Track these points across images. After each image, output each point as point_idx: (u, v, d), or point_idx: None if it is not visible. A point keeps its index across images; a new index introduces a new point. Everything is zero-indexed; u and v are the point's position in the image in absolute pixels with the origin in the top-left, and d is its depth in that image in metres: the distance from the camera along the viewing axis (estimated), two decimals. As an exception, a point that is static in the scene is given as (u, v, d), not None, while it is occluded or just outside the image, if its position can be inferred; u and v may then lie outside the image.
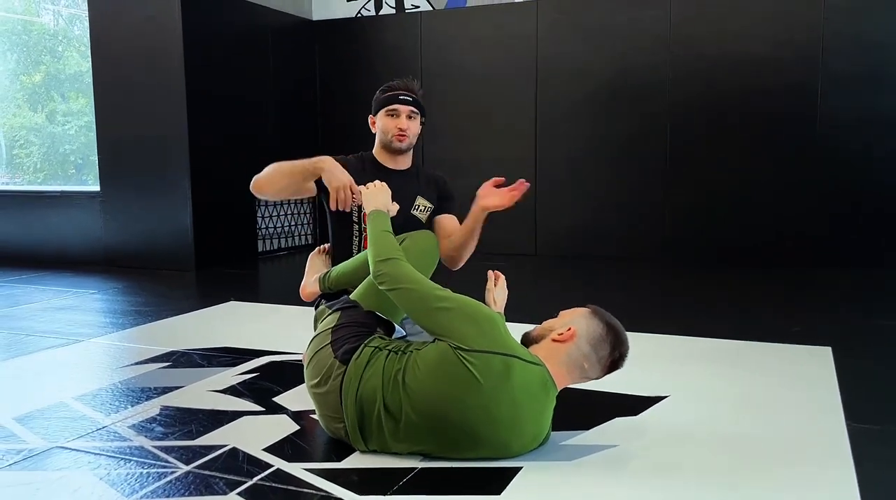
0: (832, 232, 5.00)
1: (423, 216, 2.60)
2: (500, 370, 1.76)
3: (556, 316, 1.97)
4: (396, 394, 1.84)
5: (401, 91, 2.54)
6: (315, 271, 2.66)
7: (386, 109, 2.54)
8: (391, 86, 2.57)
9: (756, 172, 5.15)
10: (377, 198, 2.26)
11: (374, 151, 2.63)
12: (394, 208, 2.30)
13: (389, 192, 2.30)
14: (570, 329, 1.87)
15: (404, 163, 2.62)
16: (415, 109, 2.55)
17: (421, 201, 2.59)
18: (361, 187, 2.33)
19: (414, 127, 2.56)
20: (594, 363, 1.87)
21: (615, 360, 1.88)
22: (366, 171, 2.54)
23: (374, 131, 2.61)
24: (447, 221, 2.65)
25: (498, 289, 2.44)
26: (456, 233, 2.57)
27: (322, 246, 2.81)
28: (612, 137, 5.52)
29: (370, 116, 2.61)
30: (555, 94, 5.64)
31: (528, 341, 1.94)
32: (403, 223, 2.43)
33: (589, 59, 5.52)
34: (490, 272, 2.46)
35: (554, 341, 1.87)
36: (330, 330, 2.05)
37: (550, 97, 5.66)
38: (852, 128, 4.91)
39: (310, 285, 2.60)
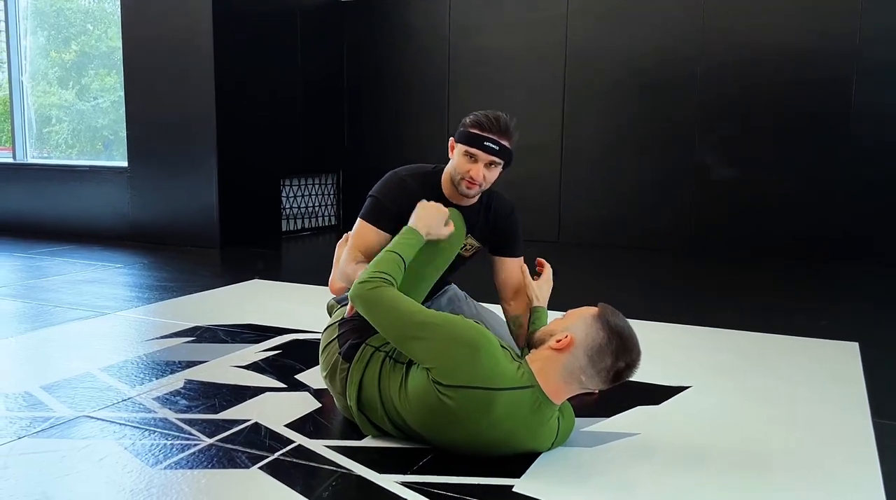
0: (863, 227, 4.91)
1: (466, 254, 2.37)
2: (480, 405, 1.67)
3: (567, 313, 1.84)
4: (391, 408, 1.83)
5: (488, 135, 2.18)
6: (336, 258, 2.62)
7: (466, 148, 2.20)
8: (481, 123, 2.19)
9: (786, 164, 5.07)
10: (426, 219, 2.06)
11: (443, 175, 2.33)
12: (444, 232, 2.11)
13: (445, 216, 2.11)
14: (567, 337, 1.73)
15: (471, 199, 2.33)
16: (497, 159, 2.20)
17: (469, 242, 2.34)
18: (421, 202, 2.16)
19: (491, 176, 2.23)
20: (592, 375, 1.72)
21: (619, 370, 1.71)
22: (428, 197, 2.25)
23: (451, 155, 2.29)
24: (509, 268, 2.38)
25: (541, 281, 2.31)
26: (518, 303, 2.36)
27: (349, 233, 2.73)
28: (640, 125, 5.45)
29: (452, 137, 2.29)
30: (583, 80, 5.59)
31: (530, 343, 1.86)
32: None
33: (619, 46, 5.45)
34: (539, 262, 2.33)
35: (551, 349, 1.75)
36: (338, 323, 2.05)
37: (579, 83, 5.60)
38: (887, 122, 4.81)
39: (339, 279, 2.55)
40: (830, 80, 4.91)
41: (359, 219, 2.33)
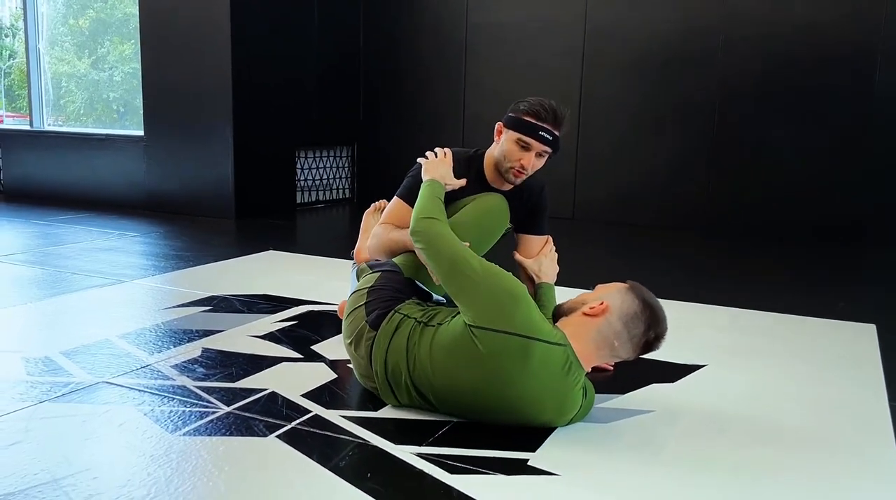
0: (884, 209, 4.85)
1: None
2: (517, 353, 1.70)
3: (592, 289, 1.90)
4: (418, 371, 1.84)
5: (544, 125, 2.18)
6: (370, 233, 2.60)
7: (519, 136, 2.20)
8: (537, 113, 2.18)
9: (806, 144, 5.01)
10: (437, 169, 2.22)
11: (486, 159, 2.34)
12: (455, 183, 2.23)
13: (451, 164, 2.25)
14: (602, 304, 1.78)
15: (513, 185, 2.36)
16: (549, 149, 2.22)
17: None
18: (421, 159, 2.29)
19: (539, 164, 2.26)
20: (625, 341, 1.77)
21: (649, 340, 1.77)
22: (468, 180, 2.29)
23: (496, 140, 2.29)
24: (532, 245, 2.42)
25: (541, 257, 2.39)
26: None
27: (378, 202, 2.69)
28: (658, 101, 5.39)
29: (500, 122, 2.28)
30: (602, 54, 5.52)
31: (559, 313, 1.88)
32: None
33: (639, 20, 5.36)
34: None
35: (584, 315, 1.79)
36: (366, 291, 2.05)
37: (597, 58, 5.53)
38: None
39: (365, 249, 2.52)
40: (854, 56, 4.82)
41: (395, 198, 2.35)
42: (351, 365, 2.17)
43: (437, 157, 2.29)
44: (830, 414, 2.04)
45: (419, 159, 2.31)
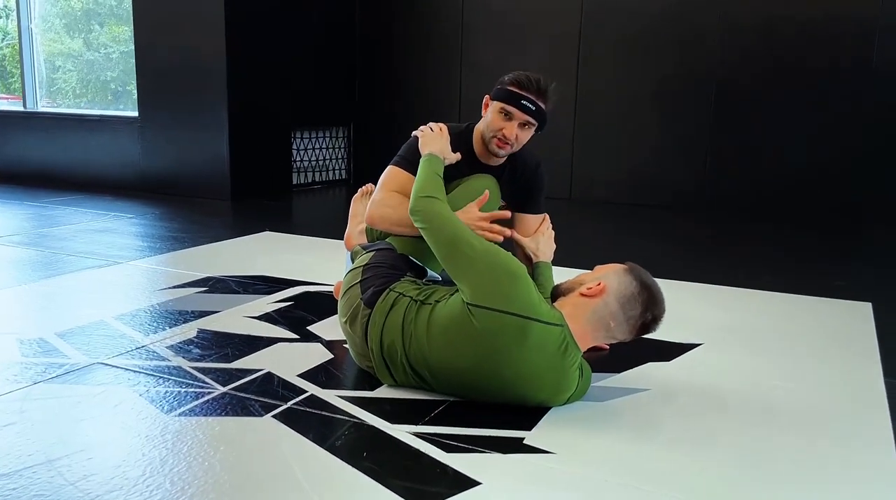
0: (881, 187, 4.84)
1: None
2: (514, 332, 1.70)
3: (590, 270, 1.89)
4: (414, 349, 1.83)
5: (526, 94, 2.16)
6: (359, 219, 2.58)
7: (502, 105, 2.19)
8: (520, 82, 2.17)
9: (805, 121, 4.98)
10: (435, 143, 2.20)
11: (474, 134, 2.32)
12: (452, 157, 2.21)
13: (448, 138, 2.23)
14: (599, 284, 1.77)
15: (500, 159, 2.33)
16: (532, 120, 2.20)
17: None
18: (417, 132, 2.27)
19: (523, 136, 2.23)
20: (621, 322, 1.77)
21: (646, 322, 1.78)
22: (458, 154, 2.26)
23: (483, 114, 2.29)
24: (528, 224, 2.41)
25: (537, 235, 2.39)
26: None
27: (364, 187, 2.69)
28: (656, 79, 5.35)
29: (487, 94, 2.27)
30: (600, 32, 5.47)
31: (557, 293, 1.88)
32: None
33: (637, -2, 5.33)
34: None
35: (581, 295, 1.79)
36: (361, 269, 2.05)
37: (595, 36, 5.48)
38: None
39: (355, 236, 2.52)
40: (852, 36, 4.78)
41: (390, 166, 2.32)
42: (347, 345, 2.17)
43: (432, 131, 2.27)
44: (827, 392, 2.05)
45: (414, 132, 2.29)
